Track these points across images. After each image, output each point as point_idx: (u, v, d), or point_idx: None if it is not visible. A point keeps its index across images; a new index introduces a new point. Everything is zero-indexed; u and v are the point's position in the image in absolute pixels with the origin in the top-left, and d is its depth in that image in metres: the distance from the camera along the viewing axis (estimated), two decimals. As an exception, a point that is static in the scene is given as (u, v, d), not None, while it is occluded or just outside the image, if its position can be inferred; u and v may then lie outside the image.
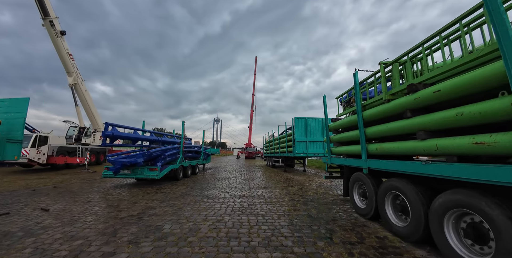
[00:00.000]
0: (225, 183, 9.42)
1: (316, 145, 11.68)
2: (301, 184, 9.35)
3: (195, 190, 7.85)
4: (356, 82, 4.67)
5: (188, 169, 11.87)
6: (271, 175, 12.52)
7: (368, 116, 4.38)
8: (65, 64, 17.28)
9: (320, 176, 12.41)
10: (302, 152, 11.40)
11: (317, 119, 11.88)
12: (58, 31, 16.30)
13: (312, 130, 11.65)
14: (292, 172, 14.40)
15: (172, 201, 6.04)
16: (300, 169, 17.36)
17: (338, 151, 5.87)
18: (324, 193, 7.31)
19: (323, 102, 6.45)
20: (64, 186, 8.85)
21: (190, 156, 13.35)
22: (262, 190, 7.71)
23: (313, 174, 13.60)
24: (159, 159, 9.12)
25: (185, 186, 8.78)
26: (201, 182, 9.74)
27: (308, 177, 11.68)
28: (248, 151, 40.91)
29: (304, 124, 11.64)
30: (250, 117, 53.61)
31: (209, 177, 11.86)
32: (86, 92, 19.01)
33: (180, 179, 10.56)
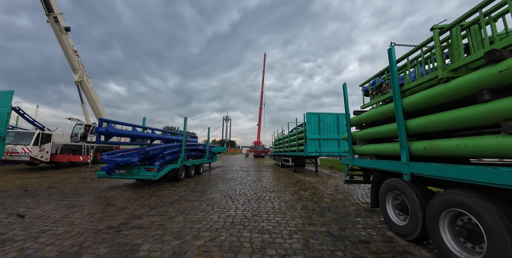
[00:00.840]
0: (229, 185, 8.52)
1: (330, 143, 10.52)
2: (314, 187, 8.28)
3: (194, 193, 7.00)
4: (392, 60, 3.54)
5: (191, 169, 11.09)
6: (280, 176, 11.51)
7: (411, 104, 3.26)
8: (71, 61, 17.05)
9: (335, 177, 11.23)
10: (315, 151, 10.28)
11: (331, 115, 10.69)
12: (63, 28, 16.04)
13: (326, 127, 10.49)
14: (303, 173, 13.30)
15: (165, 208, 5.20)
16: (312, 169, 16.19)
17: (364, 150, 4.76)
18: (343, 199, 6.21)
19: (343, 91, 5.34)
20: (60, 186, 8.32)
21: (194, 155, 12.59)
22: (270, 195, 6.72)
23: (327, 175, 12.43)
24: (158, 158, 8.36)
25: (185, 187, 7.97)
26: (203, 184, 8.90)
27: (321, 179, 10.56)
28: (256, 149, 39.99)
29: (317, 120, 10.49)
30: (259, 116, 52.62)
31: (213, 177, 11.03)
32: (92, 90, 18.79)
33: (182, 179, 9.79)
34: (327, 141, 10.46)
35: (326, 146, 10.43)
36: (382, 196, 4.00)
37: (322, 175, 12.45)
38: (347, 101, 5.32)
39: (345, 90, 5.30)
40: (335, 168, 16.67)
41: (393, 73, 3.49)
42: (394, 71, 3.50)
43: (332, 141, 10.52)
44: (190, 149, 11.85)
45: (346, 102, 5.34)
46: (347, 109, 5.34)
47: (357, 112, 5.09)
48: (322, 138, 10.39)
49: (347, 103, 5.33)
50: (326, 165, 18.48)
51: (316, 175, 12.12)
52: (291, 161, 14.43)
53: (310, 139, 10.30)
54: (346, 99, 5.31)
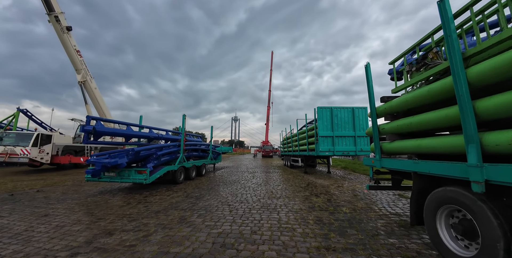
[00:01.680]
0: (231, 189, 7.55)
1: (345, 140, 9.30)
2: (328, 191, 7.14)
3: (189, 199, 6.09)
4: (448, 14, 2.41)
5: (192, 170, 10.24)
6: (288, 178, 10.41)
7: (481, 76, 2.13)
8: (73, 61, 16.79)
9: (351, 180, 9.99)
10: (328, 149, 9.10)
11: (346, 109, 9.45)
12: (64, 27, 15.77)
13: (340, 122, 9.28)
14: (314, 174, 12.11)
15: (147, 220, 4.30)
16: (323, 169, 14.94)
17: (398, 147, 3.62)
18: (366, 209, 5.06)
19: (366, 73, 4.21)
20: (50, 190, 7.72)
21: (195, 155, 11.75)
22: (276, 202, 5.68)
23: (341, 176, 11.19)
24: (151, 159, 7.53)
25: (181, 192, 7.09)
26: (202, 187, 7.99)
27: (335, 181, 9.37)
28: (265, 149, 38.90)
29: (330, 115, 9.30)
30: (267, 115, 51.48)
31: (216, 179, 10.11)
32: (96, 90, 18.50)
33: (181, 182, 8.94)
34: (342, 138, 9.24)
35: (340, 144, 9.22)
36: (430, 212, 2.86)
37: (335, 176, 11.22)
38: (371, 85, 4.18)
39: (368, 72, 4.17)
40: (349, 168, 15.32)
41: (450, 33, 2.36)
42: (451, 30, 2.37)
43: (347, 138, 9.29)
44: (190, 149, 11.02)
45: (369, 86, 4.19)
46: (372, 96, 4.19)
47: (386, 99, 3.94)
48: (336, 135, 9.19)
49: (371, 87, 4.18)
50: (338, 165, 17.14)
51: (328, 177, 10.92)
52: (301, 161, 13.29)
53: (322, 136, 9.14)
54: (370, 82, 4.17)
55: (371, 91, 4.16)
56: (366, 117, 9.44)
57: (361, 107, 9.50)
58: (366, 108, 9.53)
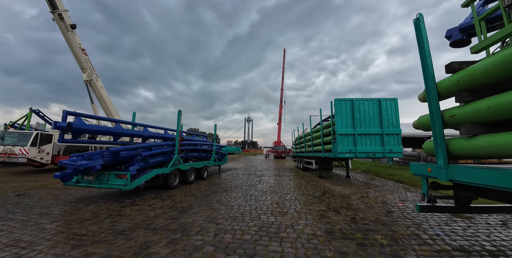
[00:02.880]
0: (229, 198, 6.24)
1: (370, 139, 7.58)
2: (350, 205, 5.57)
3: (172, 212, 4.86)
4: None
5: (190, 173, 9.08)
6: (300, 184, 8.89)
7: None
8: (78, 59, 16.53)
9: (377, 187, 8.24)
10: (348, 150, 7.45)
11: (370, 101, 7.73)
12: (68, 25, 15.50)
13: (363, 117, 7.58)
14: (331, 179, 10.45)
15: (96, 247, 3.10)
16: (341, 173, 13.16)
17: (484, 146, 2.05)
18: (413, 238, 3.47)
19: (417, 29, 2.66)
20: (31, 194, 6.96)
21: (195, 156, 10.61)
22: (281, 221, 4.25)
23: (363, 182, 9.45)
24: (135, 161, 6.43)
25: (168, 201, 5.90)
26: (196, 194, 6.76)
27: (357, 189, 7.70)
28: (277, 149, 37.26)
29: (350, 109, 7.63)
30: (279, 114, 49.72)
31: (216, 184, 8.86)
32: (102, 89, 18.17)
33: (175, 186, 7.80)
34: (366, 137, 7.54)
35: (363, 143, 7.52)
36: None
37: (356, 182, 9.50)
38: (426, 44, 2.60)
39: (421, 25, 2.61)
40: (371, 171, 13.39)
41: None
42: None
43: (373, 137, 7.56)
44: (189, 150, 9.90)
45: (423, 46, 2.61)
46: (428, 62, 2.61)
47: (458, 67, 2.36)
48: (358, 133, 7.50)
49: (426, 48, 2.60)
50: (358, 168, 15.21)
51: (348, 183, 9.23)
52: (315, 163, 11.66)
53: (340, 134, 7.51)
54: (424, 40, 2.59)
55: (426, 53, 2.58)
56: (396, 111, 7.66)
57: (389, 98, 7.72)
58: (396, 100, 7.75)
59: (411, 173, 3.19)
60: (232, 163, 23.27)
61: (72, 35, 15.83)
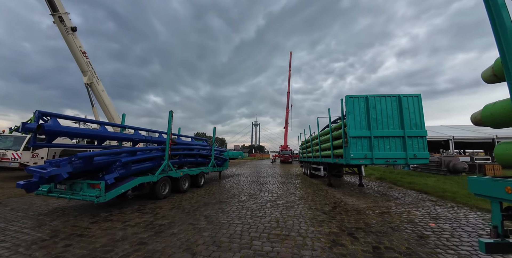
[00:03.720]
0: (220, 213, 5.26)
1: (389, 143, 6.42)
2: (369, 225, 4.45)
3: (144, 233, 3.92)
4: None
5: (183, 181, 8.19)
6: (307, 194, 7.77)
7: None
8: (79, 62, 16.31)
9: (397, 199, 7.02)
10: (363, 156, 6.31)
11: (388, 98, 6.58)
12: (69, 28, 15.35)
13: (380, 117, 6.45)
14: (342, 188, 9.25)
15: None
16: (352, 180, 11.89)
17: None
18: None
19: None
20: (9, 202, 6.54)
21: (191, 162, 9.74)
22: (279, 250, 3.22)
23: (379, 192, 8.21)
24: (114, 168, 5.59)
25: (147, 216, 4.99)
26: (185, 206, 5.82)
27: (374, 202, 6.52)
28: (283, 154, 35.96)
29: (365, 107, 6.52)
30: (286, 117, 48.47)
31: (212, 192, 7.89)
32: (103, 93, 17.86)
33: (163, 196, 6.91)
34: (384, 140, 6.40)
35: (381, 148, 6.37)
36: None
37: (371, 192, 8.27)
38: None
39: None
40: (386, 179, 12.05)
41: None
42: None
43: (392, 140, 6.40)
44: (184, 154, 9.03)
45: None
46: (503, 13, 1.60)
47: None
48: (375, 136, 6.38)
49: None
50: (371, 175, 13.85)
51: (362, 193, 8.02)
52: (323, 169, 10.50)
53: (353, 137, 6.41)
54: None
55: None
56: (419, 109, 6.50)
57: (411, 94, 6.57)
58: (419, 96, 6.58)
59: (471, 192, 2.11)
60: (236, 168, 22.29)
61: (73, 38, 15.65)
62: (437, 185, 9.67)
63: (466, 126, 25.82)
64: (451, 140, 20.59)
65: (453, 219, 5.07)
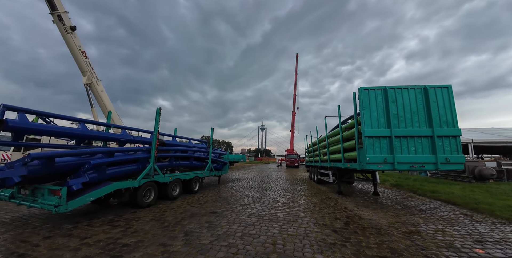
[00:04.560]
0: (205, 230, 4.28)
1: (415, 144, 5.25)
2: (395, 250, 3.35)
3: (101, 256, 2.99)
4: None
5: (173, 187, 7.30)
6: (313, 203, 6.68)
7: None
8: (78, 62, 15.98)
9: (423, 212, 5.82)
10: (382, 160, 5.17)
11: (412, 89, 5.39)
12: (68, 27, 15.08)
13: (402, 113, 5.30)
14: (354, 196, 8.08)
15: None
16: (365, 187, 10.64)
17: None
18: None
19: None
20: None
21: (185, 165, 8.85)
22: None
23: (399, 203, 7.00)
24: (82, 171, 4.73)
25: (115, 230, 4.09)
26: (166, 219, 4.88)
27: (396, 215, 5.36)
28: (289, 158, 34.63)
29: (383, 101, 5.38)
30: (292, 120, 47.26)
31: (205, 201, 6.92)
32: (103, 93, 17.45)
33: (147, 204, 6.02)
34: (408, 140, 5.25)
35: (404, 150, 5.23)
36: None
37: (389, 202, 7.07)
38: None
39: None
40: (403, 186, 10.72)
41: None
42: None
43: (418, 141, 5.25)
44: (176, 157, 8.14)
45: None
46: None
47: None
48: (396, 135, 5.24)
49: None
50: (386, 181, 12.51)
51: (378, 203, 6.84)
52: (332, 175, 9.36)
53: (369, 136, 5.31)
54: None
55: None
56: (450, 103, 5.35)
57: (439, 85, 5.43)
58: (449, 87, 5.44)
59: None
60: (239, 172, 21.30)
61: (72, 37, 15.36)
62: (465, 195, 8.34)
63: (484, 129, 23.95)
64: (470, 144, 18.83)
65: (503, 242, 3.88)
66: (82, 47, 16.08)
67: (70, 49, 15.52)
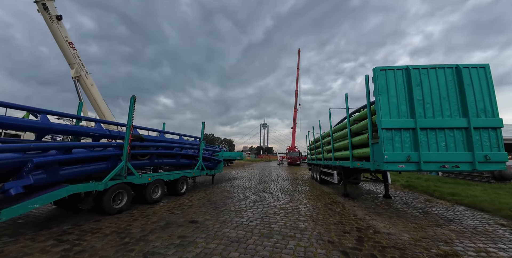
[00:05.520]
0: (172, 248, 3.27)
1: (445, 138, 4.10)
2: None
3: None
4: None
5: (155, 188, 6.33)
6: (316, 209, 5.64)
7: None
8: (65, 54, 15.03)
9: (449, 222, 4.75)
10: (405, 159, 4.03)
11: (441, 69, 4.26)
12: (54, 16, 14.09)
13: (429, 99, 4.15)
14: (362, 200, 7.01)
15: None
16: (372, 188, 9.56)
17: None
18: None
19: None
20: None
21: (170, 163, 7.86)
22: None
23: (416, 208, 5.93)
24: (26, 172, 3.75)
25: (57, 248, 3.11)
26: (131, 232, 3.90)
27: (419, 227, 4.31)
28: (291, 155, 33.53)
29: (405, 84, 4.22)
30: (294, 117, 45.95)
31: (189, 205, 5.93)
32: (93, 87, 16.50)
33: (119, 210, 5.05)
34: (436, 133, 4.12)
35: (432, 146, 4.09)
36: None
37: (406, 207, 5.99)
38: None
39: None
40: (416, 187, 9.62)
41: None
42: None
43: (450, 133, 4.12)
44: (158, 154, 7.14)
45: None
46: None
47: None
48: (422, 127, 4.12)
49: None
50: (396, 182, 11.39)
51: (394, 209, 5.77)
52: (337, 175, 8.31)
53: (387, 129, 4.20)
54: None
55: None
56: (488, 87, 4.22)
57: (474, 64, 4.30)
58: (487, 67, 4.32)
59: None
60: (238, 170, 20.32)
61: (58, 27, 14.38)
62: (492, 198, 7.24)
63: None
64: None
65: None
66: (69, 38, 15.10)
67: (57, 40, 14.55)
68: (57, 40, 14.60)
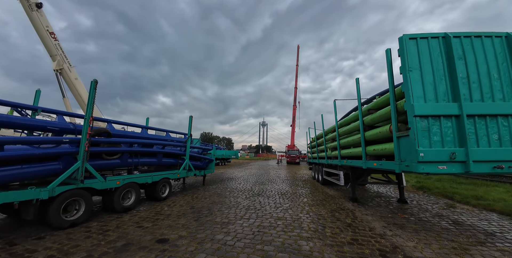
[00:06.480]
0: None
1: (499, 128, 3.06)
2: None
3: None
4: None
5: (126, 194, 5.26)
6: (321, 219, 4.57)
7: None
8: (46, 45, 13.86)
9: (492, 237, 3.68)
10: (448, 157, 2.94)
11: (488, 38, 3.19)
12: (33, 3, 12.91)
13: (476, 77, 3.05)
14: (375, 207, 5.94)
15: None
16: (381, 190, 8.50)
17: None
18: None
19: None
20: None
21: (150, 163, 6.78)
22: None
23: (444, 217, 4.87)
24: None
25: None
26: (76, 254, 2.80)
27: (458, 245, 3.24)
28: (290, 154, 32.46)
29: (442, 58, 3.12)
30: (293, 115, 44.84)
31: (165, 215, 4.85)
32: (77, 81, 15.33)
33: (73, 223, 3.99)
34: (487, 122, 3.01)
35: (483, 139, 2.99)
36: None
37: (429, 216, 4.92)
38: None
39: None
40: (429, 188, 8.56)
41: None
42: None
43: (504, 122, 3.05)
44: (132, 152, 6.04)
45: None
46: None
47: None
48: (469, 114, 3.02)
49: None
50: (407, 182, 10.30)
51: (416, 220, 4.70)
52: (343, 176, 7.23)
53: (422, 116, 3.07)
54: None
55: None
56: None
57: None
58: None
59: None
60: (234, 169, 19.26)
61: (38, 15, 13.20)
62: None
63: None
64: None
65: None
66: (51, 28, 13.92)
67: (37, 29, 13.37)
68: (37, 30, 13.43)
